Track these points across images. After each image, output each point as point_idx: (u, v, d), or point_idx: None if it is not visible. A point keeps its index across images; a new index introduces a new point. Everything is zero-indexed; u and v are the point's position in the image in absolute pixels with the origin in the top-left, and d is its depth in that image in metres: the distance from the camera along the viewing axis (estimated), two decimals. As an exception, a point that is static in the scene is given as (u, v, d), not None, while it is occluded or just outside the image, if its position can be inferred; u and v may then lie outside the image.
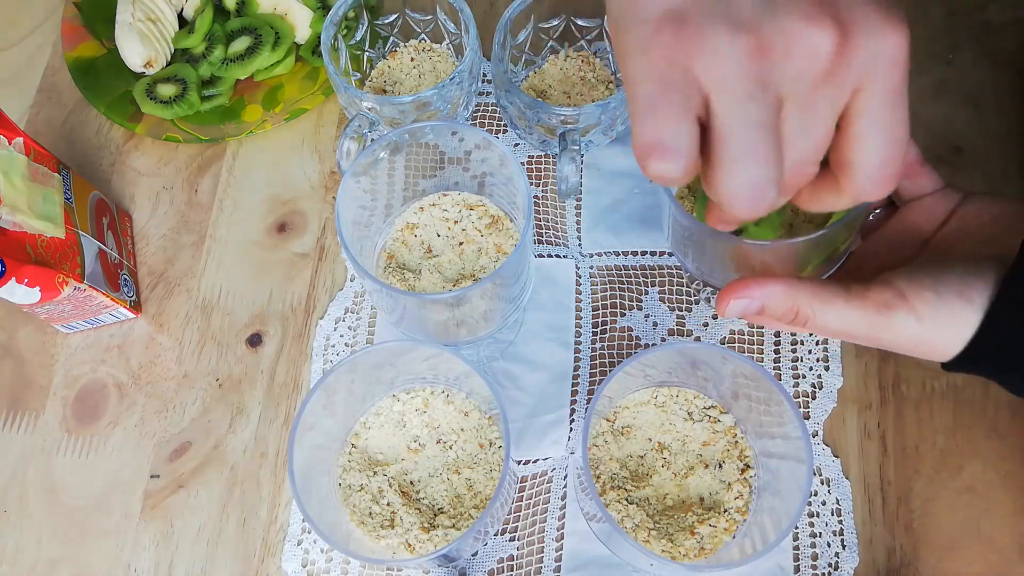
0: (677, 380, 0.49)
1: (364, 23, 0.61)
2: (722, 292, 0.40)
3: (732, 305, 0.40)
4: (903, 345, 0.39)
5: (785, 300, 0.39)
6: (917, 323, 0.38)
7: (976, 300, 0.37)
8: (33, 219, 0.51)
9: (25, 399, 0.58)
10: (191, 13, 0.67)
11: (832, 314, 0.39)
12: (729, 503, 0.46)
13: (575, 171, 0.54)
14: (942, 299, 0.37)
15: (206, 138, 0.63)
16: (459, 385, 0.49)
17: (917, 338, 0.38)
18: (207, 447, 0.56)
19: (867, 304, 0.38)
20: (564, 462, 0.53)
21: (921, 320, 0.38)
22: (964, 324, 0.37)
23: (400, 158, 0.51)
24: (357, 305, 0.59)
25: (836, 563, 0.50)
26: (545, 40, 0.61)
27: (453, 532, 0.46)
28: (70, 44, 0.66)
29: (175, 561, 0.53)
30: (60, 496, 0.55)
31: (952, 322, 0.37)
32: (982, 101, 0.61)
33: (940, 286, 0.38)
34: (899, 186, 0.45)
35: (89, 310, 0.56)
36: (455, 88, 0.56)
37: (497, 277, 0.45)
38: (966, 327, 0.37)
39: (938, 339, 0.38)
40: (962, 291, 0.37)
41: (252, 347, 0.58)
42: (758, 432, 0.46)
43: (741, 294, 0.39)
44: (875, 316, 0.38)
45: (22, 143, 0.53)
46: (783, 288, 0.39)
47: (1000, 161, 0.59)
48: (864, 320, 0.38)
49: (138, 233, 0.63)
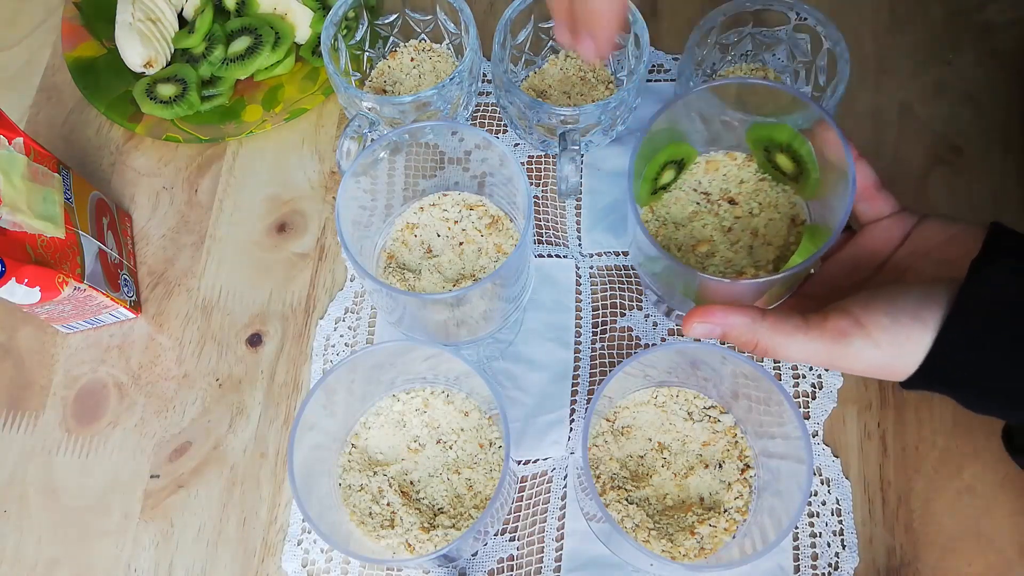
0: (677, 380, 0.49)
1: (364, 23, 0.61)
2: (689, 314, 0.41)
3: (696, 327, 0.41)
4: (863, 369, 0.40)
5: (746, 332, 0.40)
6: (874, 348, 0.39)
7: (930, 321, 0.38)
8: (33, 219, 0.51)
9: (25, 399, 0.58)
10: (191, 13, 0.67)
11: (793, 347, 0.40)
12: (729, 503, 0.46)
13: (575, 171, 0.54)
14: (897, 323, 0.39)
15: (206, 138, 0.63)
16: (459, 385, 0.49)
17: (876, 362, 0.39)
18: (207, 447, 0.56)
19: (825, 335, 0.39)
20: (564, 462, 0.53)
21: (878, 345, 0.39)
22: (919, 345, 0.38)
23: (400, 158, 0.51)
24: (357, 305, 0.59)
25: (836, 563, 0.50)
26: (545, 40, 0.61)
27: (453, 532, 0.46)
28: (70, 44, 0.66)
29: (175, 561, 0.53)
30: (60, 496, 0.55)
31: (908, 344, 0.38)
32: (982, 101, 0.61)
33: (895, 311, 0.39)
34: (857, 209, 0.46)
35: (89, 310, 0.56)
36: (455, 88, 0.56)
37: (497, 277, 0.45)
38: (921, 348, 0.38)
39: (897, 362, 0.39)
40: (916, 313, 0.39)
41: (252, 347, 0.58)
42: (758, 432, 0.46)
43: (705, 319, 0.41)
44: (833, 345, 0.39)
45: (22, 143, 0.53)
46: (745, 320, 0.40)
47: (1000, 161, 0.59)
48: (824, 349, 0.40)
49: (138, 233, 0.63)
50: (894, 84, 0.62)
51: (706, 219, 0.46)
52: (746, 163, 0.47)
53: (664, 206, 0.47)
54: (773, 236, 0.45)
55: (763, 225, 0.45)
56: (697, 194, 0.46)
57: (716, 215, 0.46)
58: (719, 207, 0.46)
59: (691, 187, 0.47)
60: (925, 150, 0.60)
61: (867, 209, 0.46)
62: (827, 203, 0.43)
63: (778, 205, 0.46)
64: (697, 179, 0.47)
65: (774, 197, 0.46)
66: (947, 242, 0.43)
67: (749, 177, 0.46)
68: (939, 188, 0.59)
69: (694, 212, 0.47)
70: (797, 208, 0.46)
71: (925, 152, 0.60)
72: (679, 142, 0.45)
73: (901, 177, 0.59)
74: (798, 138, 0.43)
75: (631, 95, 0.55)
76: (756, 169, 0.46)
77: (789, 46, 0.58)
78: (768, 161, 0.45)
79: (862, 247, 0.46)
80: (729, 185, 0.46)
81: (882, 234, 0.46)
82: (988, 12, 0.64)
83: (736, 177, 0.47)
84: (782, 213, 0.46)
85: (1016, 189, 0.59)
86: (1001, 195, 0.59)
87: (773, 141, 0.44)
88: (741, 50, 0.59)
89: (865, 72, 0.63)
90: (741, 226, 0.46)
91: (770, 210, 0.46)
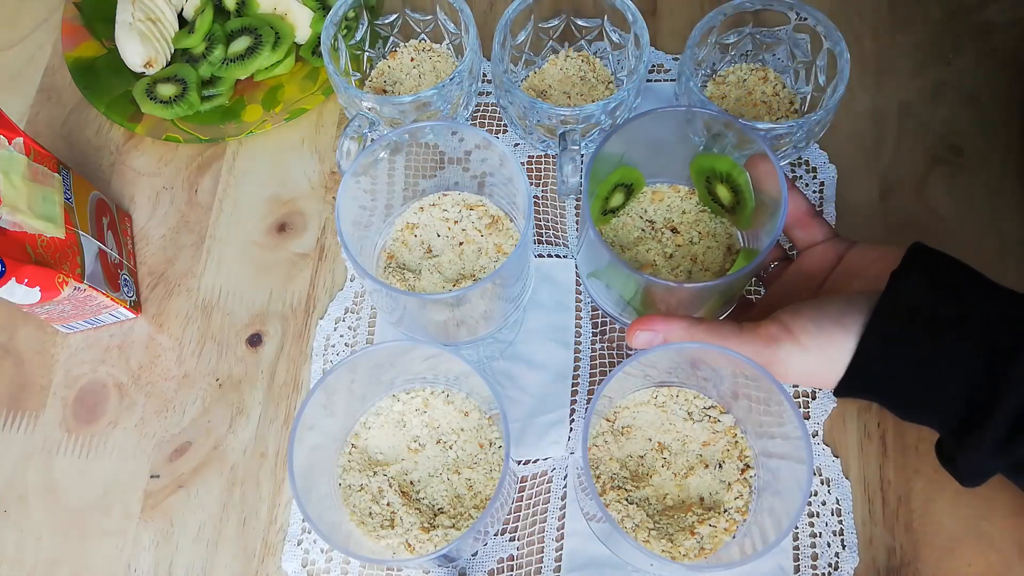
0: (677, 380, 0.49)
1: (364, 23, 0.61)
2: (632, 324, 0.44)
3: (638, 336, 0.44)
4: (794, 375, 0.42)
5: (684, 335, 0.43)
6: (802, 352, 0.41)
7: (852, 327, 0.41)
8: (33, 219, 0.51)
9: (25, 399, 0.58)
10: (191, 13, 0.67)
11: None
12: (729, 503, 0.46)
13: (575, 171, 0.54)
14: (821, 328, 0.41)
15: (206, 138, 0.63)
16: (459, 385, 0.49)
17: (805, 367, 0.42)
18: (207, 447, 0.56)
19: (756, 340, 0.42)
20: (564, 462, 0.53)
21: (806, 349, 0.41)
22: (843, 351, 0.41)
23: (400, 158, 0.51)
24: (357, 305, 0.59)
25: (836, 563, 0.50)
26: (545, 40, 0.61)
27: (453, 532, 0.46)
28: (70, 44, 0.66)
29: (175, 561, 0.53)
30: (60, 496, 0.55)
31: (833, 349, 0.41)
32: (982, 101, 0.61)
33: (819, 316, 0.41)
34: (793, 236, 0.50)
35: (89, 310, 0.56)
36: (455, 88, 0.56)
37: (497, 277, 0.45)
38: (846, 353, 0.41)
39: (824, 367, 0.41)
40: (839, 320, 0.41)
41: (252, 347, 0.58)
42: (758, 432, 0.46)
43: (647, 327, 0.43)
44: (764, 349, 0.42)
45: (22, 143, 0.53)
46: (683, 326, 0.43)
47: (1000, 161, 0.60)
48: (755, 354, 0.42)
49: (138, 233, 0.63)
50: (894, 84, 0.62)
51: (650, 244, 0.50)
52: (688, 195, 0.51)
53: (613, 229, 0.51)
54: (710, 263, 0.49)
55: (702, 252, 0.49)
56: (643, 221, 0.51)
57: (659, 241, 0.50)
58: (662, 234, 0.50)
59: (638, 214, 0.51)
60: (925, 150, 0.60)
61: (803, 235, 0.49)
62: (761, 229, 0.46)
63: (716, 235, 0.50)
64: (644, 207, 0.51)
65: (712, 227, 0.50)
66: (875, 261, 0.46)
67: (691, 208, 0.51)
68: (939, 188, 0.59)
69: (639, 237, 0.51)
70: (733, 239, 0.50)
71: (925, 152, 0.60)
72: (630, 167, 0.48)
73: (901, 177, 0.60)
74: (736, 168, 0.46)
75: (631, 95, 0.55)
76: (697, 202, 0.51)
77: (789, 46, 0.58)
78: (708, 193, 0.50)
79: (801, 270, 0.49)
80: (672, 215, 0.51)
81: (818, 258, 0.49)
82: (988, 12, 0.64)
83: (679, 208, 0.51)
84: (719, 242, 0.49)
85: (1016, 189, 0.59)
86: (1001, 195, 0.59)
87: (714, 171, 0.48)
88: (741, 50, 0.60)
89: (865, 72, 0.63)
90: (682, 253, 0.50)
91: (708, 239, 0.50)
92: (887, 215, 0.59)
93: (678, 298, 0.44)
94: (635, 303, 0.46)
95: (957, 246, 0.57)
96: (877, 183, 0.60)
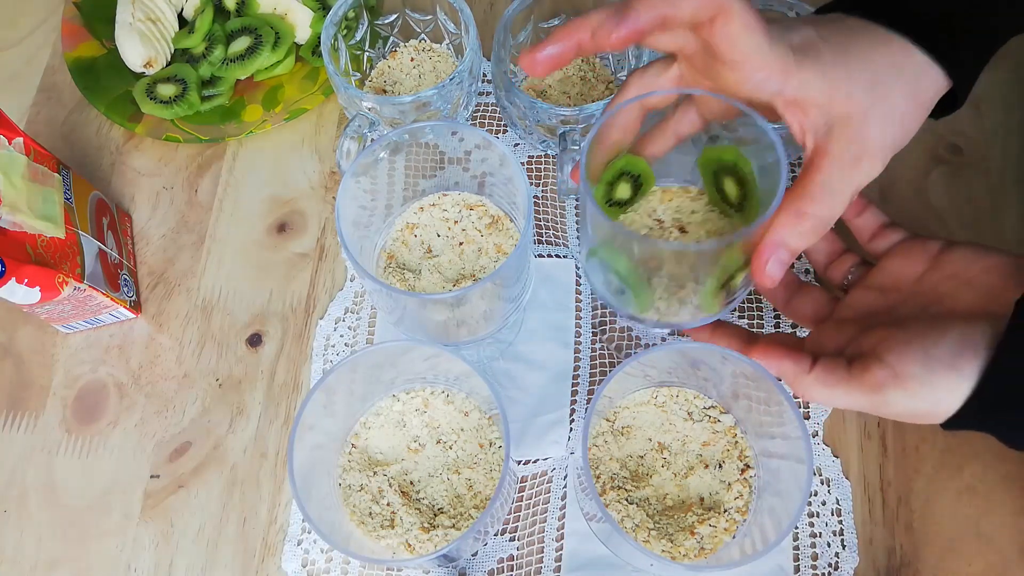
0: (677, 380, 0.49)
1: (364, 23, 0.61)
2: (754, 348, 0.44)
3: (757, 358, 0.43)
4: (902, 415, 0.41)
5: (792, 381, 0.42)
6: (911, 399, 0.40)
7: (966, 370, 0.39)
8: (33, 219, 0.51)
9: (25, 399, 0.58)
10: (191, 13, 0.67)
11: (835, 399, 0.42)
12: (729, 503, 0.46)
13: (575, 171, 0.54)
14: (933, 374, 0.39)
15: (206, 138, 0.63)
16: (459, 385, 0.49)
17: (913, 410, 0.40)
18: (207, 447, 0.56)
19: (863, 387, 0.41)
20: (564, 462, 0.53)
21: (914, 396, 0.40)
22: (955, 395, 0.39)
23: (400, 158, 0.51)
24: (357, 305, 0.59)
25: (836, 563, 0.50)
26: (545, 40, 0.61)
27: (453, 532, 0.46)
28: (70, 44, 0.66)
29: (175, 561, 0.53)
30: (60, 496, 0.55)
31: (943, 393, 0.39)
32: (982, 101, 0.61)
33: (930, 361, 0.39)
34: (869, 246, 0.49)
35: (89, 310, 0.56)
36: (455, 88, 0.56)
37: (497, 277, 0.45)
38: (958, 397, 0.39)
39: (935, 409, 0.40)
40: (953, 363, 0.39)
41: (252, 347, 0.58)
42: (758, 432, 0.46)
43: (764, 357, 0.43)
44: (872, 396, 0.41)
45: (22, 143, 0.53)
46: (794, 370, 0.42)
47: (1000, 161, 0.59)
48: (863, 401, 0.41)
49: (138, 233, 0.63)
50: (894, 84, 0.62)
51: None
52: (698, 196, 0.50)
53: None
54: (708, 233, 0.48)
55: None
56: (652, 220, 0.50)
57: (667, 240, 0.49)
58: (670, 233, 0.49)
59: (647, 212, 0.50)
60: (925, 150, 0.60)
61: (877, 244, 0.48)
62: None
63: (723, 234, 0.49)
64: (653, 206, 0.50)
65: (720, 227, 0.49)
66: (985, 271, 0.43)
67: (700, 209, 0.50)
68: (939, 188, 0.59)
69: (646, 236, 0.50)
70: None
71: (925, 152, 0.60)
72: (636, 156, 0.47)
73: (901, 177, 0.59)
74: (742, 157, 0.45)
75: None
76: (707, 202, 0.50)
77: (789, 46, 0.58)
78: (717, 191, 0.48)
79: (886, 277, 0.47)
80: (681, 215, 0.50)
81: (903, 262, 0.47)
82: (988, 12, 0.64)
83: (688, 208, 0.50)
84: None
85: (1016, 189, 0.59)
86: (1001, 195, 0.59)
87: (721, 162, 0.46)
88: None
89: (865, 72, 0.63)
90: None
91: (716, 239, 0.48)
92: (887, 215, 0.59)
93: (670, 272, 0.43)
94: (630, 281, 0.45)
95: (957, 246, 0.58)
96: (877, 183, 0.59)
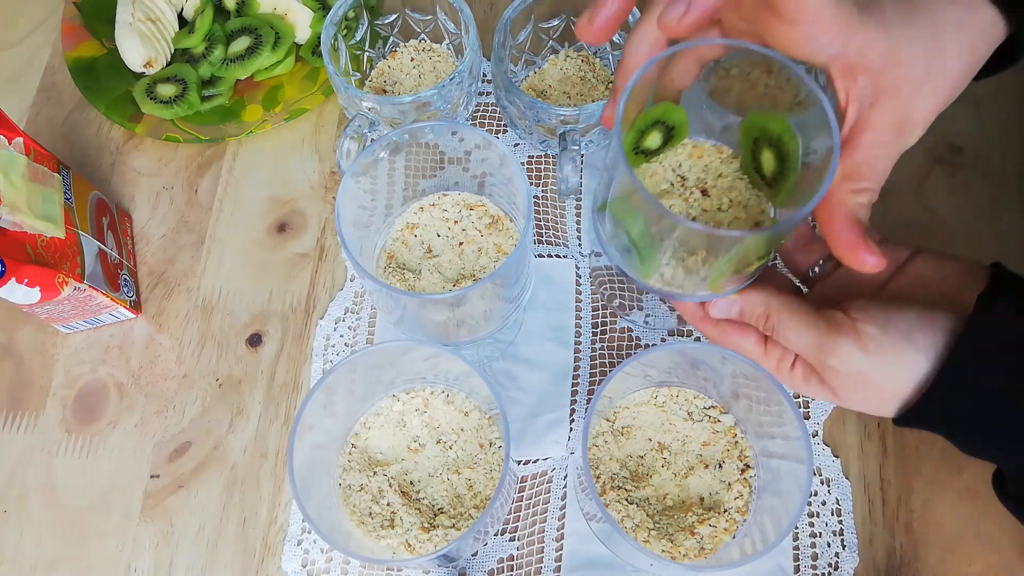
0: (677, 380, 0.49)
1: (364, 23, 0.61)
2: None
3: (717, 304, 0.43)
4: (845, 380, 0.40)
5: (759, 304, 0.42)
6: (862, 355, 0.39)
7: (920, 344, 0.38)
8: (33, 219, 0.51)
9: (25, 399, 0.58)
10: (191, 13, 0.67)
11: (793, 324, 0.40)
12: (729, 503, 0.46)
13: (575, 171, 0.54)
14: (887, 336, 0.39)
15: (206, 138, 0.63)
16: (459, 385, 0.49)
17: (860, 371, 0.39)
18: (207, 447, 0.56)
19: (821, 323, 0.40)
20: (564, 462, 0.53)
21: (866, 352, 0.39)
22: (905, 366, 0.39)
23: (400, 158, 0.51)
24: (357, 305, 0.59)
25: (836, 563, 0.50)
26: (545, 40, 0.61)
27: (453, 532, 0.46)
28: (70, 44, 0.66)
29: (175, 561, 0.53)
30: (60, 496, 0.55)
31: (897, 364, 0.39)
32: (982, 101, 0.61)
33: (889, 324, 0.39)
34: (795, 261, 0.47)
35: (89, 310, 0.56)
36: (455, 88, 0.56)
37: (497, 277, 0.45)
38: (907, 370, 0.39)
39: (879, 379, 0.39)
40: (909, 333, 0.39)
41: (252, 347, 0.58)
42: (758, 432, 0.46)
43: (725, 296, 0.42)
44: (825, 337, 0.39)
45: (22, 143, 0.53)
46: (760, 295, 0.42)
47: (1000, 161, 0.59)
48: (815, 337, 0.40)
49: (138, 233, 0.63)
50: (894, 84, 0.62)
51: (675, 201, 0.45)
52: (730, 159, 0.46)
53: (641, 174, 0.46)
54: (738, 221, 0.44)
55: (727, 222, 0.44)
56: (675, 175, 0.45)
57: (686, 200, 0.45)
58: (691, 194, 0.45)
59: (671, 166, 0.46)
60: (925, 150, 0.60)
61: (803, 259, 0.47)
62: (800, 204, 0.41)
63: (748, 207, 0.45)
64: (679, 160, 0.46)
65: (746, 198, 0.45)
66: (944, 277, 0.44)
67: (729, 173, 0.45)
68: (939, 188, 0.59)
69: (665, 191, 0.46)
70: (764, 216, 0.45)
71: (925, 152, 0.60)
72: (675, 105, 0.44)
73: (901, 177, 0.59)
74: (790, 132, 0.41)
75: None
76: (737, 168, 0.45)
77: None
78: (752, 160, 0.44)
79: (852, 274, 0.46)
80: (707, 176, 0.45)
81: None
82: (988, 12, 0.64)
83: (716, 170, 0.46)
84: (749, 215, 0.44)
85: (1016, 189, 0.59)
86: (1001, 195, 0.59)
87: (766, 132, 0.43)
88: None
89: (865, 72, 0.63)
90: (706, 218, 0.44)
91: (738, 209, 0.45)
92: (887, 215, 0.59)
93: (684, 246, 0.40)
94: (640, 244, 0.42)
95: (957, 246, 0.58)
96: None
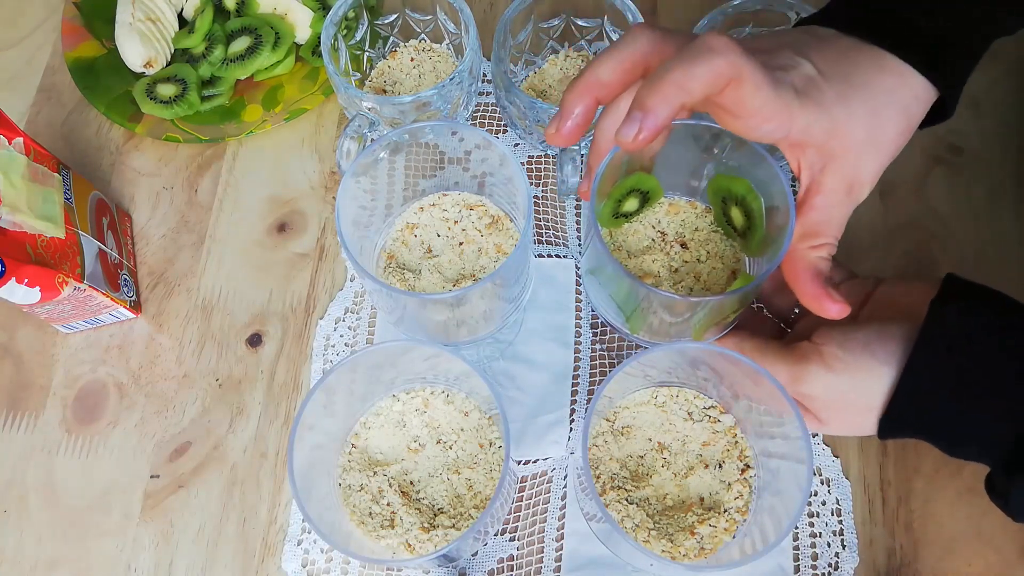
0: (677, 380, 0.49)
1: (364, 23, 0.61)
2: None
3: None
4: (822, 401, 0.42)
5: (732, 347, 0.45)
6: (829, 375, 0.42)
7: (880, 355, 0.41)
8: (33, 219, 0.51)
9: (25, 399, 0.58)
10: (191, 13, 0.67)
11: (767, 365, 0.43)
12: (729, 503, 0.46)
13: (575, 171, 0.54)
14: (848, 352, 0.41)
15: (206, 138, 0.63)
16: (459, 385, 0.49)
17: (833, 391, 0.42)
18: (207, 447, 0.56)
19: (790, 356, 0.43)
20: (564, 462, 0.53)
21: (833, 372, 0.42)
22: (872, 378, 0.41)
23: (400, 158, 0.51)
24: (357, 305, 0.59)
25: (836, 563, 0.50)
26: (545, 40, 0.61)
27: (453, 532, 0.46)
28: (70, 44, 0.66)
29: (175, 561, 0.53)
30: (60, 496, 0.55)
31: (863, 376, 0.41)
32: (982, 101, 0.61)
33: (847, 342, 0.42)
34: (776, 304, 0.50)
35: (89, 310, 0.56)
36: (455, 88, 0.56)
37: (497, 277, 0.45)
38: (875, 382, 0.41)
39: (853, 396, 0.42)
40: (867, 346, 0.41)
41: (252, 347, 0.58)
42: (758, 432, 0.46)
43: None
44: (795, 367, 0.43)
45: (22, 143, 0.53)
46: (733, 341, 0.46)
47: (1000, 161, 0.60)
48: (786, 370, 0.43)
49: (138, 233, 0.63)
50: (894, 84, 0.62)
51: (657, 256, 0.50)
52: (704, 214, 0.50)
53: (623, 234, 0.51)
54: (713, 283, 0.49)
55: (706, 272, 0.49)
56: (655, 231, 0.50)
57: (667, 254, 0.50)
58: (671, 247, 0.50)
59: (651, 223, 0.51)
60: (925, 150, 0.60)
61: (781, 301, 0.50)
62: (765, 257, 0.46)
63: (723, 257, 0.50)
64: (658, 218, 0.50)
65: (721, 249, 0.50)
66: (905, 295, 0.46)
67: (704, 227, 0.50)
68: (939, 188, 0.59)
69: (648, 247, 0.50)
70: (740, 264, 0.50)
71: (925, 152, 0.60)
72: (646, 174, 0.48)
73: (901, 177, 0.60)
74: (752, 193, 0.46)
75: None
76: (711, 221, 0.50)
77: (789, 46, 0.58)
78: (723, 215, 0.49)
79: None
80: (685, 230, 0.50)
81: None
82: (988, 12, 0.64)
83: (692, 224, 0.51)
84: (725, 264, 0.49)
85: (1015, 189, 0.59)
86: (1000, 195, 0.59)
87: (731, 193, 0.47)
88: None
89: (865, 72, 0.63)
90: (687, 269, 0.49)
91: (715, 259, 0.49)
92: (887, 215, 0.59)
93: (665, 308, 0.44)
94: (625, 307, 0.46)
95: (957, 246, 0.58)
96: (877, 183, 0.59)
